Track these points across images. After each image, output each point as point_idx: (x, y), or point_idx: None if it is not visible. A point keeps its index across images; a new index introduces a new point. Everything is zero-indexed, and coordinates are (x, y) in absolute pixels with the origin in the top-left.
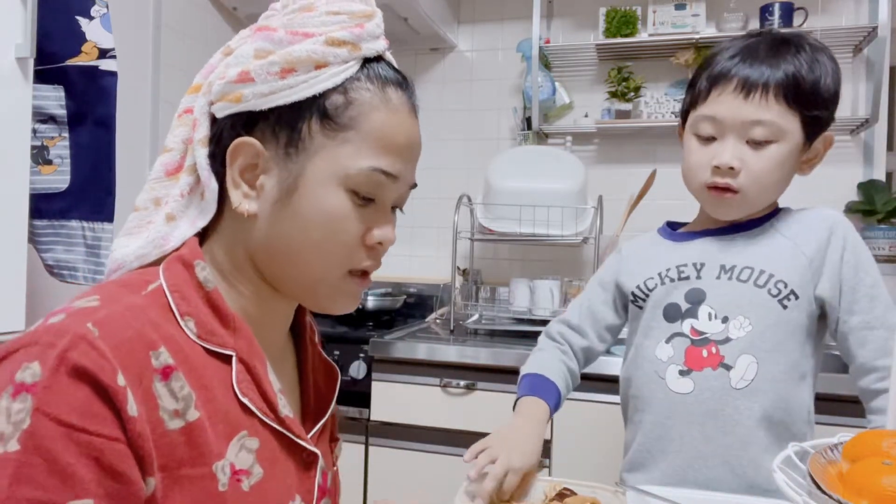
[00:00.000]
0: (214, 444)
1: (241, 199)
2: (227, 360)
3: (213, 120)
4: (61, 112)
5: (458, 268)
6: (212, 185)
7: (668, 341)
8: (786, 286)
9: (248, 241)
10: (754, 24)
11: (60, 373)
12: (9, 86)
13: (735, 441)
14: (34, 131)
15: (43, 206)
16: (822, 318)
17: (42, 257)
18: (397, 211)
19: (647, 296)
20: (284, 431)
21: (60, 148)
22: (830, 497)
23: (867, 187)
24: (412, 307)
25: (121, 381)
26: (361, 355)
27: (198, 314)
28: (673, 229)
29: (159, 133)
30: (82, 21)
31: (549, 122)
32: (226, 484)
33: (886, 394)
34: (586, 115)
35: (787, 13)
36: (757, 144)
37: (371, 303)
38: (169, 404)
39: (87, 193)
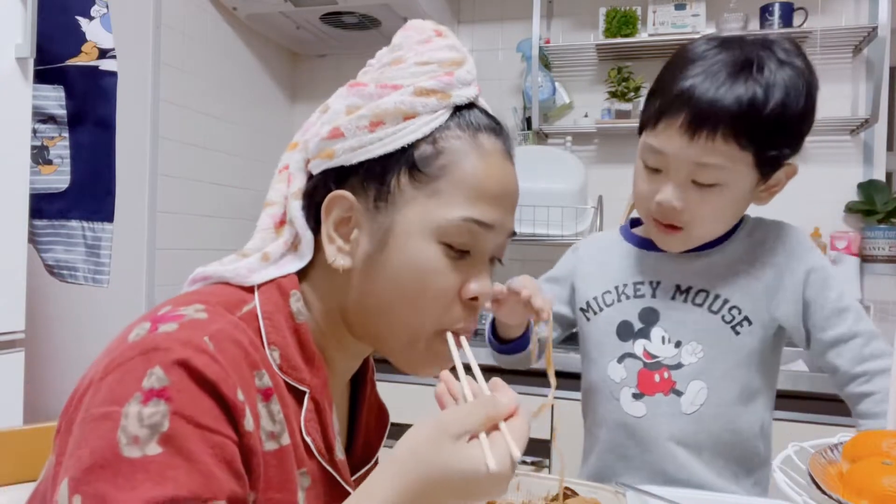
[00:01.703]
0: (295, 472)
1: (335, 254)
2: (300, 395)
3: (310, 177)
4: (61, 112)
5: None
6: (307, 235)
7: (619, 361)
8: (739, 312)
9: (341, 296)
10: (754, 25)
11: (188, 379)
12: (9, 86)
13: (687, 462)
14: (34, 131)
15: (43, 206)
16: (778, 336)
17: (42, 257)
18: (496, 262)
19: (601, 309)
20: (334, 474)
21: (60, 148)
22: (830, 497)
23: (867, 187)
24: None
25: (240, 395)
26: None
27: (284, 345)
28: (634, 226)
29: (159, 133)
30: (82, 21)
31: (549, 122)
32: None
33: (870, 397)
34: (586, 115)
35: (787, 13)
36: (702, 185)
37: None
38: (268, 425)
39: (87, 193)
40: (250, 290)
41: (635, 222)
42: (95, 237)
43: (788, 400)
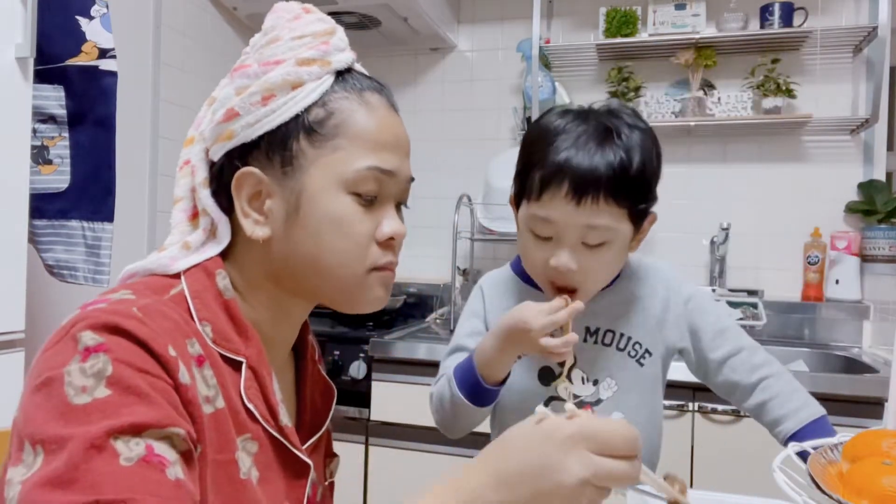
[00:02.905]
0: (233, 435)
1: (253, 227)
2: (237, 366)
3: (212, 164)
4: (61, 112)
5: (458, 268)
6: (222, 220)
7: (546, 404)
8: (641, 346)
9: (266, 264)
10: (754, 25)
11: (119, 336)
12: (9, 86)
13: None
14: (34, 131)
15: (43, 206)
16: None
17: (42, 257)
18: (403, 207)
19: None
20: (282, 439)
21: (60, 148)
22: (830, 497)
23: (867, 187)
24: (412, 307)
25: (172, 352)
26: (361, 355)
27: (215, 320)
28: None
29: (159, 133)
30: (82, 21)
31: None
32: (246, 473)
33: (772, 402)
34: None
35: (787, 13)
36: (592, 246)
37: None
38: (203, 389)
39: (87, 193)
40: (176, 276)
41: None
42: (95, 237)
43: None
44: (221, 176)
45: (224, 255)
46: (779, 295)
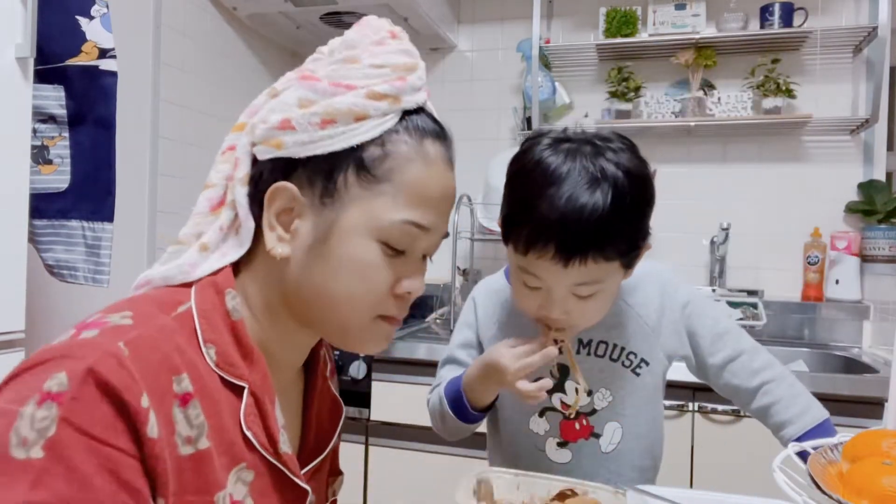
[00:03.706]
0: (219, 474)
1: (275, 243)
2: (239, 391)
3: (255, 160)
4: (61, 112)
5: (458, 268)
6: (248, 223)
7: (541, 415)
8: (636, 356)
9: (280, 283)
10: (754, 25)
11: (88, 385)
12: (9, 86)
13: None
14: (34, 131)
15: (43, 206)
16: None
17: (42, 257)
18: (428, 259)
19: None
20: (280, 467)
21: (60, 148)
22: (830, 497)
23: (867, 187)
24: (412, 307)
25: (144, 402)
26: (361, 355)
27: (220, 343)
28: None
29: (159, 133)
30: (82, 21)
31: (549, 122)
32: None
33: (776, 406)
34: (586, 115)
35: (788, 13)
36: (583, 296)
37: None
38: (184, 430)
39: (87, 193)
40: (188, 286)
41: None
42: (95, 237)
43: None
44: (260, 180)
45: (242, 265)
46: (779, 295)
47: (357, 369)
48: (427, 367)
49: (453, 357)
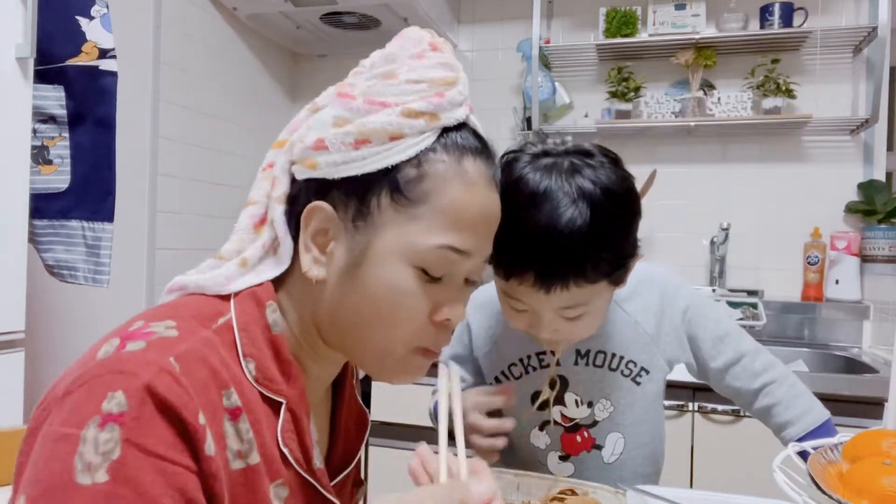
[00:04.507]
0: (266, 489)
1: (310, 264)
2: (276, 406)
3: (293, 178)
4: (61, 112)
5: None
6: (287, 242)
7: (541, 429)
8: (636, 365)
9: (315, 305)
10: (754, 25)
11: (147, 404)
12: (9, 86)
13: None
14: (34, 131)
15: (43, 206)
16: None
17: (42, 257)
18: (473, 283)
19: (511, 381)
20: (314, 482)
21: (60, 148)
22: (830, 497)
23: (867, 187)
24: None
25: (201, 419)
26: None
27: (260, 357)
28: None
29: (159, 133)
30: (82, 21)
31: (549, 122)
32: None
33: (777, 406)
34: (586, 115)
35: (787, 13)
36: (571, 318)
37: None
38: (235, 444)
39: (87, 193)
40: (227, 298)
41: None
42: (95, 237)
43: None
44: (296, 201)
45: (279, 283)
46: (779, 295)
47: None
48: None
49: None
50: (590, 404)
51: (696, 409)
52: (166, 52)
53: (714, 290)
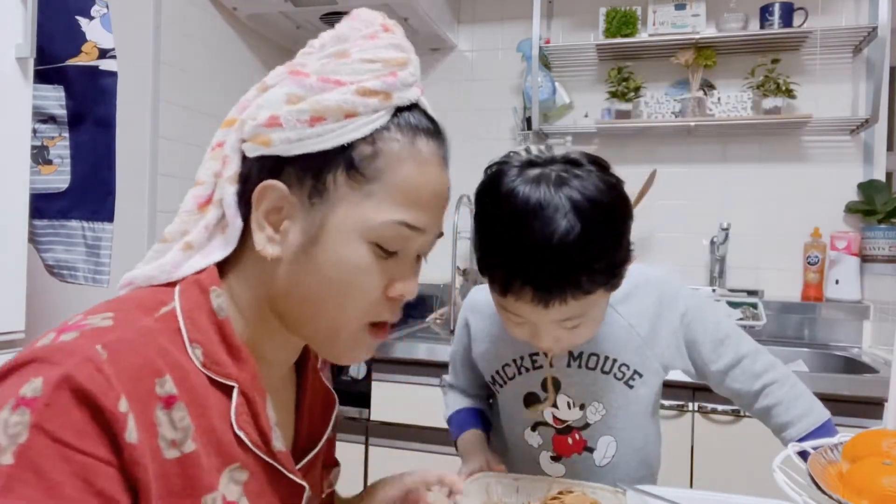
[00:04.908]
0: (207, 476)
1: (264, 243)
2: (228, 390)
3: (244, 158)
4: (61, 112)
5: (458, 268)
6: (236, 222)
7: (533, 429)
8: (628, 368)
9: (269, 283)
10: (754, 25)
11: (62, 391)
12: (9, 86)
13: None
14: (34, 131)
15: (43, 206)
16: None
17: (42, 257)
18: (422, 259)
19: (505, 382)
20: (275, 464)
21: (60, 148)
22: (830, 497)
23: (867, 187)
24: (412, 307)
25: (122, 406)
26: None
27: (206, 342)
28: None
29: (159, 133)
30: (82, 21)
31: (549, 122)
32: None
33: (777, 407)
34: (586, 115)
35: (787, 13)
36: (570, 327)
37: None
38: (168, 433)
39: (87, 193)
40: (173, 286)
41: None
42: (95, 237)
43: None
44: (248, 179)
45: (230, 264)
46: (779, 295)
47: (357, 369)
48: (427, 368)
49: (451, 382)
50: (582, 406)
51: (696, 409)
52: (166, 52)
53: (714, 291)
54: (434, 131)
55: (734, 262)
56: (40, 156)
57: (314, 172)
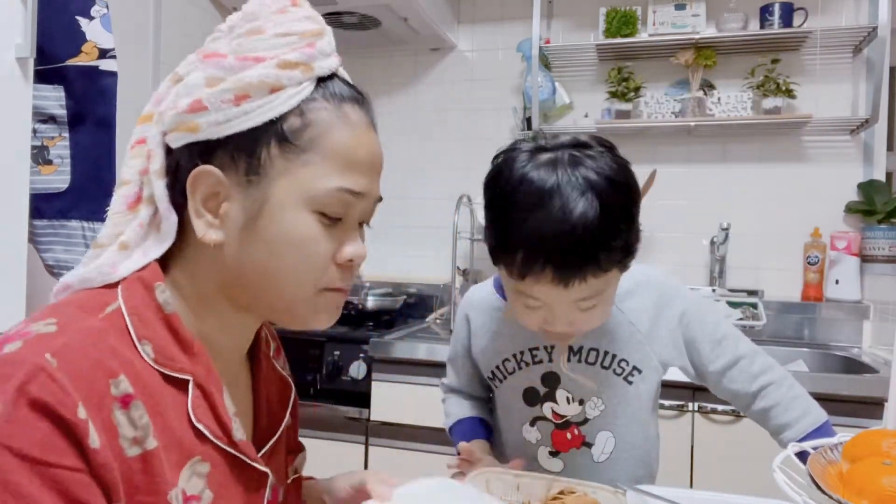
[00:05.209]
0: (168, 472)
1: (205, 229)
2: (183, 384)
3: (168, 150)
4: (61, 112)
5: (458, 268)
6: (170, 217)
7: (532, 424)
8: (628, 364)
9: (216, 271)
10: (754, 25)
11: (20, 406)
12: (9, 86)
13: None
14: (34, 131)
15: (43, 206)
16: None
17: (42, 257)
18: (366, 227)
19: (505, 377)
20: (237, 454)
21: (60, 148)
22: (830, 497)
23: (867, 187)
24: (412, 307)
25: (81, 413)
26: (361, 355)
27: (155, 338)
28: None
29: None
30: (82, 21)
31: (549, 122)
32: (198, 496)
33: (774, 409)
34: (586, 116)
35: (787, 13)
36: (585, 308)
37: (371, 303)
38: (128, 432)
39: (87, 193)
40: (114, 286)
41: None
42: (95, 237)
43: None
44: (178, 169)
45: (172, 258)
46: (779, 295)
47: (357, 369)
48: (427, 367)
49: (449, 383)
50: (581, 402)
51: (696, 409)
52: (166, 52)
53: (714, 290)
54: (359, 98)
55: (734, 262)
56: (40, 156)
57: (247, 151)
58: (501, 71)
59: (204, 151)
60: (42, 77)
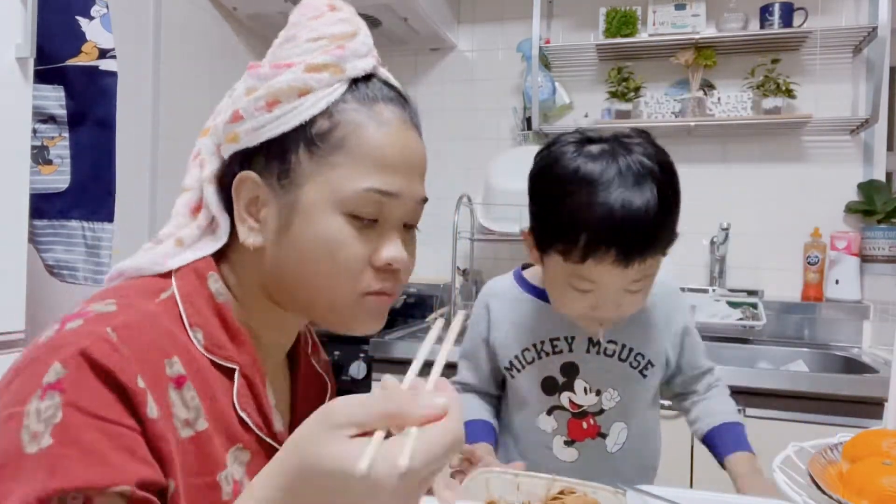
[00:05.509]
0: (220, 454)
1: (247, 234)
2: (229, 372)
3: (222, 161)
4: (61, 112)
5: (458, 268)
6: (223, 219)
7: (549, 413)
8: (643, 357)
9: (259, 272)
10: (754, 25)
11: (84, 369)
12: (9, 86)
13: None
14: (34, 131)
15: (43, 206)
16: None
17: (42, 257)
18: (413, 228)
19: (524, 367)
20: (276, 445)
21: (60, 148)
22: (830, 497)
23: (867, 187)
24: (412, 307)
25: (140, 383)
26: (361, 355)
27: (207, 326)
28: (527, 279)
29: (159, 133)
30: (82, 21)
31: (549, 122)
32: (230, 493)
33: (706, 400)
34: (586, 116)
35: (787, 13)
36: (633, 291)
37: None
38: (181, 413)
39: (88, 193)
40: (168, 276)
41: (526, 265)
42: (95, 237)
43: (788, 400)
44: (225, 177)
45: (222, 255)
46: (779, 295)
47: (357, 369)
48: (427, 368)
49: (461, 379)
50: (598, 392)
51: None
52: (166, 52)
53: (714, 290)
54: (396, 98)
55: (734, 262)
56: (40, 156)
57: (279, 155)
58: (501, 71)
59: (245, 159)
60: (42, 77)
